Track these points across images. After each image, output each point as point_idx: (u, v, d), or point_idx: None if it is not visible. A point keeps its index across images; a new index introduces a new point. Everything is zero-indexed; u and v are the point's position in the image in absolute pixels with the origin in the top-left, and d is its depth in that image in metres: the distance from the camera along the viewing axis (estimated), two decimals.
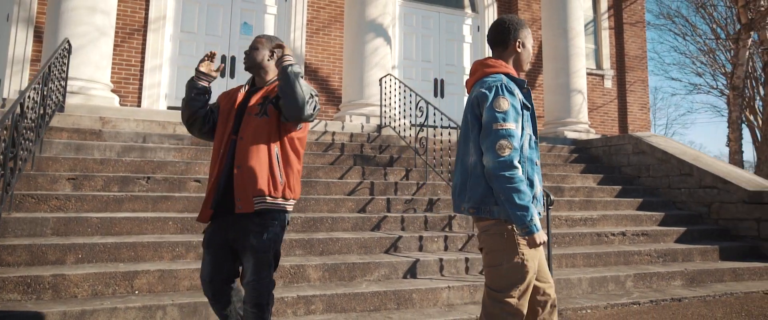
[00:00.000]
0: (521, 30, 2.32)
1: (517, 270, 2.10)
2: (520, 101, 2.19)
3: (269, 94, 2.50)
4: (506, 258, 2.11)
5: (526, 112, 2.23)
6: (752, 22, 8.98)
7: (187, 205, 4.59)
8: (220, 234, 2.45)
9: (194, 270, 3.63)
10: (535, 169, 2.22)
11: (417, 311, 3.81)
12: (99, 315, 3.08)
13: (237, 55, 8.55)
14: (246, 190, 2.35)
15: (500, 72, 2.22)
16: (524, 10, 10.78)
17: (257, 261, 2.36)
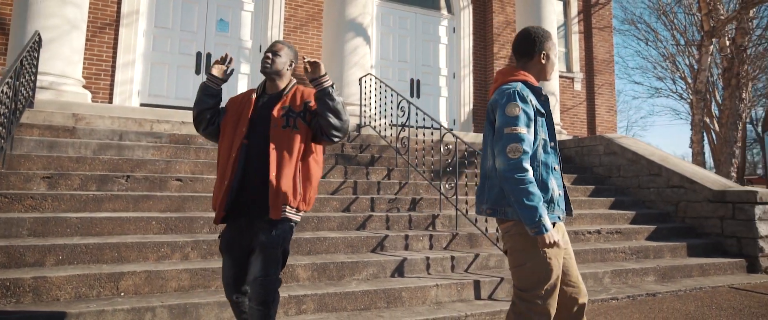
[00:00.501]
0: (546, 42, 2.38)
1: (541, 269, 2.17)
2: (533, 108, 2.26)
3: (292, 105, 2.55)
4: (529, 258, 2.19)
5: (541, 119, 2.31)
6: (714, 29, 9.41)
7: (170, 205, 4.49)
8: (238, 239, 2.52)
9: (182, 271, 3.56)
10: (551, 173, 2.28)
11: (406, 309, 3.84)
12: (86, 318, 2.98)
13: (213, 52, 8.39)
14: (278, 199, 2.43)
15: (518, 80, 2.30)
16: (498, 12, 10.96)
17: (265, 257, 2.39)
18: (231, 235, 2.55)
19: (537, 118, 2.28)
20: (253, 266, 2.41)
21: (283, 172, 2.44)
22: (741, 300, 4.57)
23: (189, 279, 3.56)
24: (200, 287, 3.59)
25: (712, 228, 6.40)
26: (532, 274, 2.19)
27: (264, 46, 8.71)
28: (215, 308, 3.31)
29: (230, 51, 8.56)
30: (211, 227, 4.30)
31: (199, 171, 5.20)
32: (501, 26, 10.97)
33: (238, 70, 8.58)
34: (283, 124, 2.48)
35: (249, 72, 8.67)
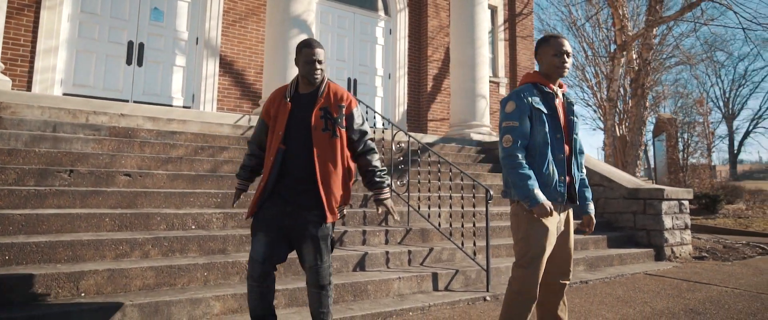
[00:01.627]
0: (540, 47, 2.75)
1: (524, 243, 2.60)
2: (529, 105, 2.61)
3: (328, 106, 2.70)
4: (521, 233, 2.62)
5: (543, 115, 2.63)
6: (625, 43, 10.42)
7: (121, 201, 4.27)
8: (279, 220, 2.64)
9: (146, 269, 3.43)
10: (547, 162, 2.62)
11: (372, 301, 3.96)
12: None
13: (146, 42, 7.97)
14: (331, 203, 2.63)
15: (526, 82, 2.72)
16: (433, 17, 11.36)
17: (318, 247, 2.63)
18: (271, 215, 2.64)
19: (538, 114, 2.62)
20: (307, 255, 2.65)
21: (331, 179, 2.63)
22: (656, 284, 5.16)
23: (154, 277, 3.44)
24: (166, 285, 3.48)
25: (627, 222, 7.13)
26: (518, 246, 2.65)
27: (201, 39, 8.40)
28: (187, 305, 3.23)
29: (165, 42, 8.18)
30: (167, 224, 4.15)
31: (146, 166, 4.97)
32: (435, 30, 11.37)
33: (172, 62, 8.21)
34: (322, 126, 2.64)
35: (184, 64, 8.32)
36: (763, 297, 4.60)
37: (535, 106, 2.63)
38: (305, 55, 2.69)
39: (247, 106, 8.67)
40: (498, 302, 4.27)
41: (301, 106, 2.68)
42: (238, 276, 3.77)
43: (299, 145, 2.63)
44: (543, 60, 2.74)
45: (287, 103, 2.70)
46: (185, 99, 8.25)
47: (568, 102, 2.80)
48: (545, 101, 2.67)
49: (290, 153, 2.64)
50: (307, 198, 2.61)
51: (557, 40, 2.73)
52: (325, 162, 2.61)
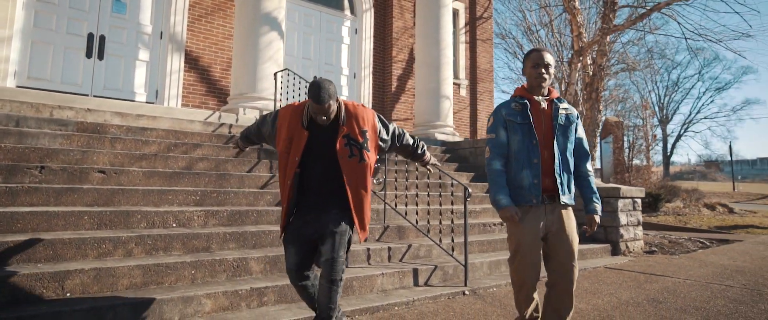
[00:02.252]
0: (524, 60, 3.01)
1: (509, 241, 2.91)
2: (503, 118, 2.90)
3: (351, 133, 2.81)
4: (508, 234, 2.92)
5: (516, 125, 2.86)
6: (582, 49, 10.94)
7: (98, 199, 4.14)
8: (304, 230, 2.83)
9: (133, 268, 3.36)
10: (524, 168, 2.83)
11: (358, 297, 4.03)
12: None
13: (107, 35, 7.67)
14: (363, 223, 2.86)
15: (513, 95, 2.99)
16: (398, 17, 11.50)
17: (336, 241, 2.74)
18: (296, 228, 2.85)
19: (508, 125, 2.88)
20: (325, 248, 2.74)
21: (364, 203, 2.84)
22: (617, 277, 5.49)
23: (142, 276, 3.38)
24: (153, 283, 3.42)
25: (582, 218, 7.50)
26: (508, 245, 2.92)
27: (165, 32, 8.17)
28: (179, 304, 3.20)
29: (127, 35, 7.90)
30: (148, 222, 4.07)
31: (119, 163, 4.83)
32: (399, 31, 11.52)
33: (135, 56, 7.94)
34: (348, 154, 2.78)
35: (148, 59, 8.07)
36: (712, 286, 5.00)
37: (508, 118, 2.89)
38: (312, 109, 2.77)
39: (213, 102, 8.51)
40: (476, 296, 4.44)
41: (321, 133, 2.80)
42: (225, 273, 3.75)
43: (319, 169, 2.81)
44: (525, 72, 2.97)
45: (304, 130, 2.80)
46: (148, 94, 8.00)
47: (555, 108, 2.94)
48: (523, 111, 2.88)
49: (307, 175, 2.82)
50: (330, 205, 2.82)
51: (537, 53, 2.95)
52: (357, 188, 2.81)
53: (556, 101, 2.97)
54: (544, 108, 2.92)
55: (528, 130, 2.84)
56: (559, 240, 2.85)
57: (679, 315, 3.89)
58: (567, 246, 2.85)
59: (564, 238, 2.85)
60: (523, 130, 2.85)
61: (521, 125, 2.86)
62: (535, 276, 2.89)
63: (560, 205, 2.87)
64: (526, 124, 2.86)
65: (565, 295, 2.86)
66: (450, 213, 4.92)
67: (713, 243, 8.74)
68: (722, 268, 6.03)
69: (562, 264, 2.84)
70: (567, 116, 2.96)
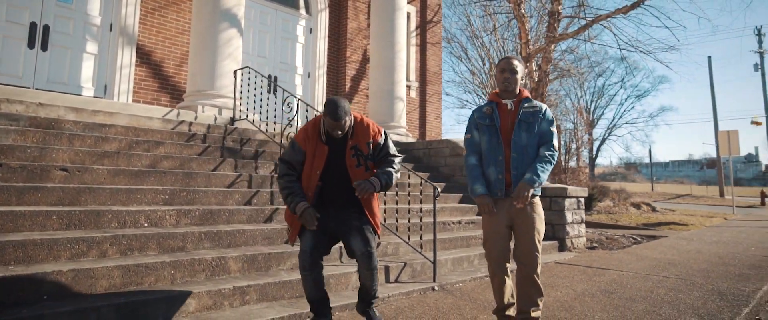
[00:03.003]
0: (496, 68, 3.32)
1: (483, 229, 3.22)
2: (474, 120, 3.25)
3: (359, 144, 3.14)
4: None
5: (484, 126, 3.19)
6: (529, 55, 11.50)
7: (63, 197, 3.97)
8: (324, 222, 3.06)
9: (112, 268, 3.28)
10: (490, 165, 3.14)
11: (335, 294, 4.12)
12: None
13: (51, 24, 7.25)
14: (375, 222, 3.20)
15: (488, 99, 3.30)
16: (353, 18, 11.59)
17: (365, 236, 3.10)
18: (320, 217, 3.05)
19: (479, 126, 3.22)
20: (357, 244, 3.10)
21: (373, 205, 3.19)
22: (568, 271, 5.89)
23: (121, 277, 3.30)
24: (133, 284, 3.35)
25: None
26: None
27: (116, 25, 7.83)
28: (163, 304, 3.16)
29: (74, 26, 7.51)
30: (119, 222, 3.95)
31: (81, 160, 4.63)
32: (354, 32, 11.62)
33: (83, 48, 7.56)
34: (356, 164, 3.11)
35: (96, 52, 7.70)
36: (651, 277, 5.48)
37: (479, 120, 3.22)
38: (328, 125, 3.02)
39: (166, 99, 8.24)
40: (446, 291, 4.64)
41: (336, 146, 3.11)
42: (204, 273, 3.72)
43: (336, 179, 3.10)
44: (495, 77, 3.32)
45: (324, 145, 3.09)
46: (97, 89, 7.64)
47: (521, 109, 3.18)
48: (492, 114, 3.18)
49: (328, 185, 3.10)
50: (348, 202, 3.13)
51: (505, 60, 3.25)
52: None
53: (523, 101, 3.21)
54: (511, 109, 3.17)
55: (494, 131, 3.15)
56: (522, 230, 3.10)
57: (630, 304, 4.26)
58: (529, 234, 3.08)
59: (526, 228, 3.09)
60: (490, 131, 3.16)
61: (489, 127, 3.17)
62: (503, 262, 3.13)
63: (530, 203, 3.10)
64: (492, 125, 3.16)
65: (529, 281, 3.07)
66: (422, 211, 5.09)
67: (643, 239, 9.49)
68: (656, 261, 6.59)
69: (524, 253, 3.09)
70: (531, 113, 3.16)
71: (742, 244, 8.59)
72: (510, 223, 3.12)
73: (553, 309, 4.10)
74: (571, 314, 3.94)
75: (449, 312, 3.95)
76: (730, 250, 7.75)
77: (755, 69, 34.64)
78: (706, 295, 4.59)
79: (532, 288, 3.09)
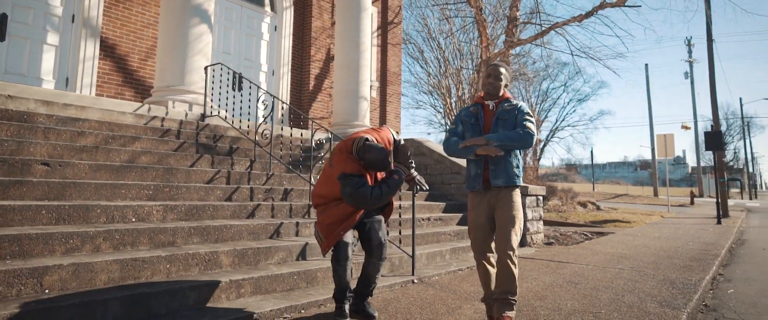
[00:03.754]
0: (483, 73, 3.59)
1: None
2: (460, 117, 3.56)
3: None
4: None
5: (469, 124, 3.47)
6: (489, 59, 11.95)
7: (48, 192, 3.90)
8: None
9: (111, 262, 3.29)
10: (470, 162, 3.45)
11: (322, 287, 4.26)
12: (33, 318, 2.61)
13: (9, 13, 6.93)
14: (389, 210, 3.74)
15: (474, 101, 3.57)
16: (317, 17, 11.65)
17: (381, 230, 3.52)
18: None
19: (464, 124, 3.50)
20: (375, 236, 3.48)
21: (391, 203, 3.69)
22: (533, 265, 6.27)
23: (119, 271, 3.31)
24: (131, 278, 3.37)
25: None
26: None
27: (78, 16, 7.57)
28: (165, 297, 3.21)
29: (34, 16, 7.21)
30: (108, 217, 3.92)
31: (59, 155, 4.53)
32: (318, 31, 11.68)
33: (43, 39, 7.27)
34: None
35: (57, 43, 7.42)
36: (608, 269, 5.93)
37: (465, 119, 3.50)
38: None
39: (130, 93, 8.04)
40: (425, 284, 4.87)
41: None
42: (197, 267, 3.77)
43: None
44: (482, 81, 3.62)
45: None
46: (58, 81, 7.36)
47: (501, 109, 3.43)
48: (477, 114, 3.47)
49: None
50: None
51: (492, 67, 3.53)
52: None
53: (503, 101, 3.46)
54: (492, 109, 3.44)
55: (477, 129, 3.42)
56: (500, 222, 3.31)
57: (595, 293, 4.64)
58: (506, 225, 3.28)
59: (504, 220, 3.29)
60: (473, 129, 3.44)
61: (473, 125, 3.45)
62: (485, 251, 3.40)
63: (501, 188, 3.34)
64: (476, 124, 3.44)
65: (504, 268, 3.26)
66: (401, 207, 5.29)
67: (593, 235, 10.12)
68: (610, 255, 7.10)
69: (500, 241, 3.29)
70: (507, 110, 3.39)
71: (681, 239, 9.34)
72: (491, 214, 3.37)
73: (528, 298, 4.40)
74: (545, 302, 4.26)
75: (434, 302, 4.17)
76: (672, 245, 8.44)
77: (685, 77, 37.22)
78: (660, 284, 5.05)
79: (507, 275, 3.26)
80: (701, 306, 4.55)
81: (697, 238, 9.57)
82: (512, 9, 12.09)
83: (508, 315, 3.26)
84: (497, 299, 3.32)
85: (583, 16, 10.31)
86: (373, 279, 3.53)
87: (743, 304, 4.64)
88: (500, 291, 3.30)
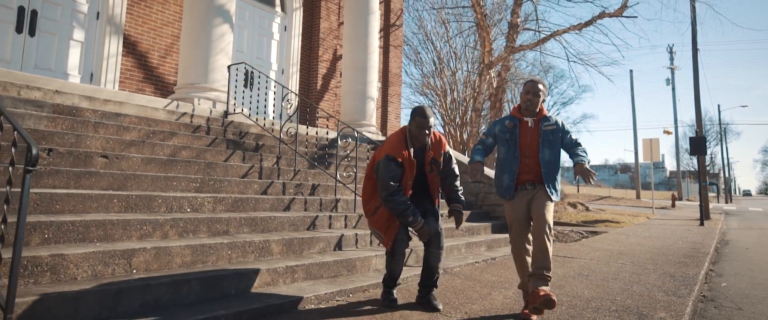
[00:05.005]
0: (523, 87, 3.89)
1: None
2: (493, 130, 3.88)
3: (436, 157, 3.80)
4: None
5: (505, 141, 3.77)
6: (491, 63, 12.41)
7: (112, 183, 4.18)
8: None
9: (184, 248, 3.60)
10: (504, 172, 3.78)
11: (361, 274, 4.61)
12: (132, 293, 2.92)
13: (40, 10, 7.13)
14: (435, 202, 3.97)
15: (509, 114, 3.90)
16: (325, 18, 11.96)
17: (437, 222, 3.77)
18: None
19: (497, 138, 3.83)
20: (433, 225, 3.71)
21: (435, 194, 3.93)
22: None
23: (190, 255, 3.62)
24: (199, 262, 3.68)
25: (501, 212, 8.76)
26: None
27: (102, 13, 7.79)
28: (234, 279, 3.53)
29: (62, 12, 7.41)
30: (168, 207, 4.22)
31: (112, 148, 4.80)
32: (326, 32, 12.00)
33: (70, 35, 7.47)
34: (429, 170, 3.80)
35: (83, 39, 7.63)
36: (612, 264, 6.39)
37: (499, 134, 3.81)
38: (418, 123, 3.59)
39: (150, 89, 8.27)
40: (450, 274, 5.25)
41: (417, 155, 3.73)
42: (253, 254, 4.09)
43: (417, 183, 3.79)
44: (521, 96, 3.84)
45: (413, 160, 3.66)
46: (83, 76, 7.57)
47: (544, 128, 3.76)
48: (513, 129, 3.74)
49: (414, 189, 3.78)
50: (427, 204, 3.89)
51: (532, 83, 3.78)
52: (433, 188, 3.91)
53: (542, 120, 3.78)
54: (531, 126, 3.76)
55: (513, 145, 3.71)
56: (536, 204, 3.65)
57: (606, 283, 5.08)
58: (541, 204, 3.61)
59: (539, 202, 3.64)
60: (509, 144, 3.73)
61: (508, 141, 3.74)
62: (524, 245, 3.74)
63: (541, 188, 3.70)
64: (512, 140, 3.72)
65: (539, 252, 3.57)
66: None
67: (589, 234, 10.63)
68: (609, 252, 7.58)
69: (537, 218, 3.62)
70: (551, 131, 3.77)
71: (670, 239, 9.89)
72: (528, 210, 3.74)
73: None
74: (563, 291, 4.67)
75: (464, 289, 4.56)
76: (663, 243, 8.96)
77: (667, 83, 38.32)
78: (662, 277, 5.52)
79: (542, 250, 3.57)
80: (700, 296, 5.02)
81: (685, 238, 10.14)
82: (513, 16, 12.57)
83: (543, 289, 3.48)
84: (533, 274, 3.61)
85: (582, 25, 10.83)
86: (435, 269, 3.74)
87: (737, 295, 5.12)
88: (536, 267, 3.58)
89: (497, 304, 4.07)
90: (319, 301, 3.70)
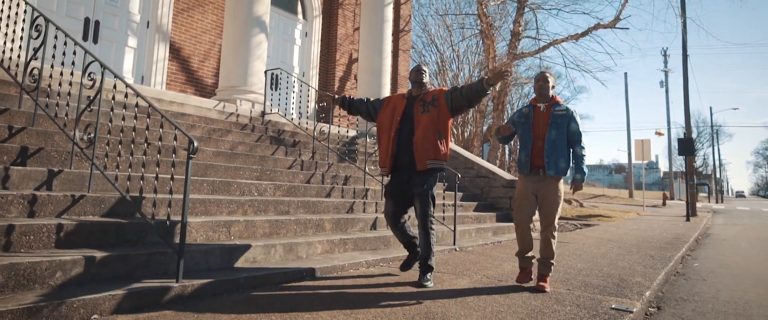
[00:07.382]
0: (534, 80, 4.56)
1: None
2: (513, 117, 4.50)
3: (425, 99, 4.05)
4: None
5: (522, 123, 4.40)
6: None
7: (196, 171, 5.14)
8: (399, 187, 4.08)
9: (264, 222, 4.57)
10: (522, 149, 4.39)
11: (394, 249, 5.58)
12: (240, 252, 3.89)
13: (101, 20, 8.06)
14: (422, 158, 3.93)
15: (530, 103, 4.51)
16: (342, 25, 12.92)
17: (423, 202, 4.01)
18: (393, 184, 4.09)
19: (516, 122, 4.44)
20: (418, 208, 3.97)
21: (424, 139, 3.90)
22: None
23: (269, 228, 4.60)
24: (274, 234, 4.66)
25: (505, 204, 9.77)
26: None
27: (152, 23, 8.73)
28: (304, 246, 4.50)
29: (119, 22, 8.35)
30: (241, 191, 5.19)
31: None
32: (342, 37, 12.95)
33: (125, 42, 8.41)
34: (421, 110, 3.98)
35: (136, 46, 8.57)
36: (602, 246, 7.39)
37: (516, 119, 4.50)
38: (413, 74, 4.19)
39: (192, 91, 9.22)
40: (465, 252, 6.24)
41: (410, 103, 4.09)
42: (311, 229, 5.07)
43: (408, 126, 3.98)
44: (534, 87, 4.66)
45: (404, 101, 4.10)
46: (135, 79, 8.51)
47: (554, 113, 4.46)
48: (529, 114, 4.43)
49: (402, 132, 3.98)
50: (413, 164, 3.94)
51: (540, 74, 4.54)
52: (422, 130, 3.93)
53: (554, 106, 4.46)
54: (543, 111, 4.56)
55: (528, 128, 4.41)
56: (544, 201, 4.35)
57: (596, 260, 6.08)
58: (548, 205, 4.31)
59: (547, 200, 4.31)
60: (524, 126, 4.43)
61: (524, 123, 4.43)
62: (526, 219, 4.42)
63: (548, 176, 4.19)
64: (527, 123, 4.43)
65: (545, 244, 4.33)
66: (444, 198, 6.62)
67: (582, 226, 11.66)
68: (600, 239, 8.59)
69: (544, 218, 4.35)
70: (560, 115, 4.40)
71: (655, 231, 10.92)
72: (535, 193, 4.56)
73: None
74: (560, 264, 5.67)
75: (479, 261, 5.55)
76: (649, 234, 9.99)
77: (661, 85, 39.42)
78: (644, 257, 6.53)
79: (548, 246, 4.33)
80: (674, 272, 6.03)
81: (670, 230, 11.18)
82: (515, 24, 13.58)
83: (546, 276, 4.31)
84: (539, 260, 4.38)
85: (579, 35, 11.84)
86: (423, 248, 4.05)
87: (705, 272, 6.14)
88: (542, 256, 4.33)
89: (508, 271, 5.06)
90: (368, 265, 4.68)
